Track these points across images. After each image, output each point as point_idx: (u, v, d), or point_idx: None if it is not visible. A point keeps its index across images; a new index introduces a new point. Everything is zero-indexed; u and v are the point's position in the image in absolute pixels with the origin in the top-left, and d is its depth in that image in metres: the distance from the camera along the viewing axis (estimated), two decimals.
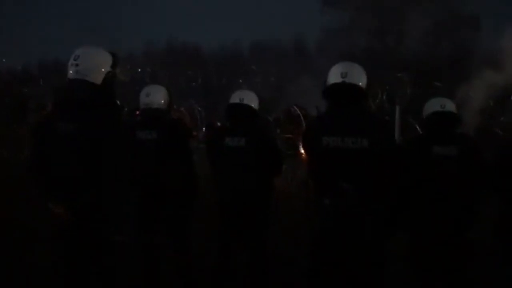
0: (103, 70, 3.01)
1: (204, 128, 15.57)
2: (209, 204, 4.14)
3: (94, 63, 3.00)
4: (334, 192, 2.93)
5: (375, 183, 2.93)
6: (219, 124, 11.86)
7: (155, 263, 4.11)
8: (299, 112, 12.88)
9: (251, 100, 4.05)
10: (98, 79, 2.99)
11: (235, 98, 4.05)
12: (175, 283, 4.14)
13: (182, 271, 4.13)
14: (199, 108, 17.93)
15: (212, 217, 4.13)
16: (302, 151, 3.33)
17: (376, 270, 2.94)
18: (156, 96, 4.19)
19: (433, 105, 3.57)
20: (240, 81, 18.99)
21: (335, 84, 3.04)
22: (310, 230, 3.12)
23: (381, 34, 18.47)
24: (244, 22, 38.15)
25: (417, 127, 8.78)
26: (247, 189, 3.89)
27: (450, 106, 3.54)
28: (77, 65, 2.97)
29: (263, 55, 20.80)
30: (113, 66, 3.08)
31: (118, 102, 3.24)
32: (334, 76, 3.05)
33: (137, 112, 4.50)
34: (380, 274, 2.96)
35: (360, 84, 3.04)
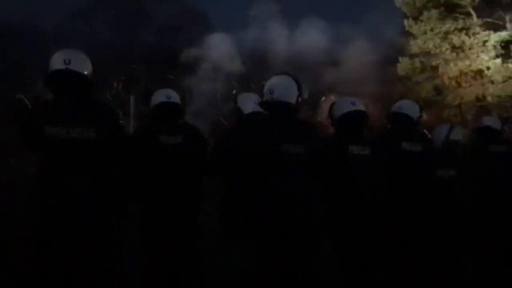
0: None
1: None
2: None
3: None
4: (60, 187, 2.80)
5: (104, 174, 2.92)
6: None
7: None
8: (27, 102, 11.86)
9: None
10: None
11: None
12: None
13: None
14: None
15: None
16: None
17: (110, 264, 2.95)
18: None
19: (159, 96, 3.74)
20: None
21: (58, 71, 2.91)
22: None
23: (119, 24, 18.30)
24: None
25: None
26: None
27: (175, 97, 3.76)
28: None
29: None
30: None
31: None
32: (57, 62, 2.93)
33: None
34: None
35: (86, 72, 2.98)
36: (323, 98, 15.69)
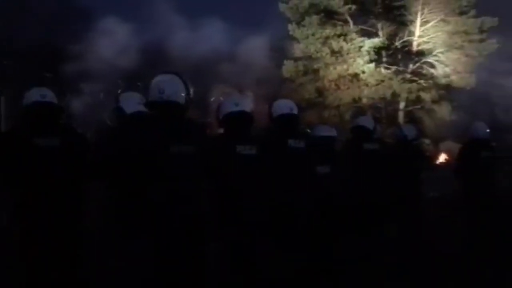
0: None
1: None
2: None
3: None
4: None
5: None
6: None
7: None
8: None
9: None
10: None
11: None
12: None
13: None
14: None
15: None
16: None
17: None
18: None
19: (32, 95, 3.45)
20: None
21: None
22: None
23: None
24: None
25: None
26: None
27: (50, 96, 3.50)
28: None
29: None
30: None
31: None
32: None
33: None
34: None
35: None
36: (213, 98, 15.80)
